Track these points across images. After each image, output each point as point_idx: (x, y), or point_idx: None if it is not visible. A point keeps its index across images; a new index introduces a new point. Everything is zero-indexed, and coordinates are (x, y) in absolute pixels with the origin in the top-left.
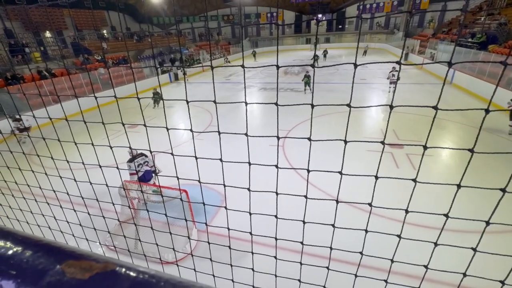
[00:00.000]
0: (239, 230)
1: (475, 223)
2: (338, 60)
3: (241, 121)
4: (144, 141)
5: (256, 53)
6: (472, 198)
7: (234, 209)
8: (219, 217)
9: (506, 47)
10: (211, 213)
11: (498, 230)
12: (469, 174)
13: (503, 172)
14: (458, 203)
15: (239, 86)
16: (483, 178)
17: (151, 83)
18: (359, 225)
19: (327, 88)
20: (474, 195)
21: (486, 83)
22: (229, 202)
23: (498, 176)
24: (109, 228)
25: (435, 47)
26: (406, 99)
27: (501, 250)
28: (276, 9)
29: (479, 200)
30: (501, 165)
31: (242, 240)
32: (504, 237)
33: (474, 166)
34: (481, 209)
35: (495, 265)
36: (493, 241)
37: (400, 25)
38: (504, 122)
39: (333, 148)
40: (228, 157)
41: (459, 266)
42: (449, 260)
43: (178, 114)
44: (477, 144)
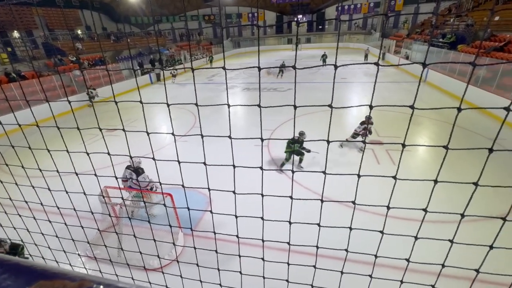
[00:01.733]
0: (225, 234)
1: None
2: (318, 60)
3: (225, 122)
4: (124, 145)
5: (213, 58)
6: (448, 190)
7: (219, 213)
8: (206, 219)
9: (473, 47)
10: (197, 215)
11: (473, 219)
12: (445, 168)
13: (474, 164)
14: (436, 195)
15: (222, 87)
16: (457, 171)
17: (131, 85)
18: (344, 221)
19: (310, 87)
20: (450, 186)
21: (456, 80)
22: (216, 204)
23: (471, 168)
24: (89, 237)
25: (409, 47)
26: (384, 97)
27: (476, 236)
28: (257, 10)
29: (454, 191)
30: (474, 159)
31: (230, 242)
32: (478, 225)
33: (449, 160)
34: (456, 199)
35: (471, 253)
36: (468, 230)
37: (377, 26)
38: (474, 118)
39: (317, 146)
40: (213, 159)
41: (440, 253)
42: (431, 249)
43: (161, 115)
44: (451, 140)
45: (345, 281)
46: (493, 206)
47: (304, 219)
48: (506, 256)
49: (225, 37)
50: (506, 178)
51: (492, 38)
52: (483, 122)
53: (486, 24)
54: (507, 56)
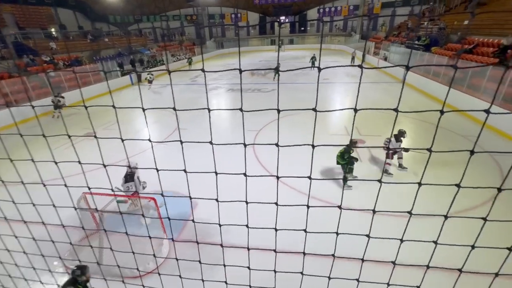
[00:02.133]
0: (208, 243)
1: (437, 209)
2: (302, 61)
3: (212, 124)
4: (106, 149)
5: (192, 61)
6: (431, 188)
7: (202, 222)
8: (197, 213)
9: (446, 49)
10: (184, 217)
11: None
12: (428, 168)
13: (453, 164)
14: (420, 194)
15: (207, 87)
16: (438, 168)
17: (111, 86)
18: (331, 223)
19: (293, 88)
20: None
21: (431, 81)
22: (201, 207)
23: (449, 166)
24: (66, 249)
25: (387, 48)
26: (366, 97)
27: (460, 232)
28: (236, 10)
29: (437, 190)
30: (454, 159)
31: (216, 245)
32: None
33: (430, 161)
34: (439, 196)
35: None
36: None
37: (356, 28)
38: (451, 117)
39: (305, 147)
40: (199, 161)
41: (425, 249)
42: (416, 246)
43: (142, 118)
44: (438, 142)
45: (333, 283)
46: (468, 201)
47: (290, 222)
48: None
49: (208, 38)
50: (478, 177)
51: (462, 41)
52: (459, 121)
53: (465, 28)
54: (475, 58)
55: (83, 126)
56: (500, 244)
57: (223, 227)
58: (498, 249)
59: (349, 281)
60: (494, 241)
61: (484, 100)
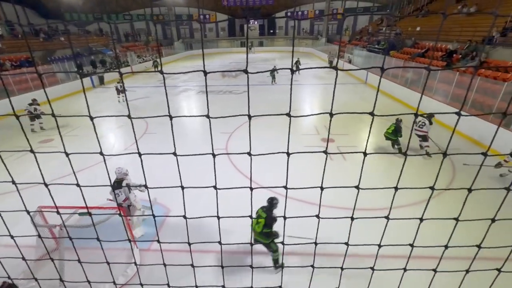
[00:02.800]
0: (177, 265)
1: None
2: (271, 63)
3: (181, 127)
4: (59, 159)
5: (158, 63)
6: (407, 190)
7: (168, 242)
8: (166, 227)
9: (402, 53)
10: (158, 222)
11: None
12: (395, 167)
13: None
14: (391, 194)
15: (175, 90)
16: (407, 168)
17: (68, 89)
18: (311, 223)
19: (265, 89)
20: (406, 182)
21: (390, 82)
22: (174, 213)
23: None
24: (20, 268)
25: (351, 52)
26: (335, 98)
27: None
28: (199, 11)
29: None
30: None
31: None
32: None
33: (394, 159)
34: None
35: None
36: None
37: (322, 32)
38: (411, 118)
39: (276, 146)
40: (168, 167)
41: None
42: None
43: (107, 123)
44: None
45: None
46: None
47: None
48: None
49: (176, 39)
50: (434, 173)
51: (416, 46)
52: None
53: (418, 33)
54: (427, 61)
55: (41, 133)
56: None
57: (197, 239)
58: (468, 247)
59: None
60: (469, 240)
61: (436, 99)
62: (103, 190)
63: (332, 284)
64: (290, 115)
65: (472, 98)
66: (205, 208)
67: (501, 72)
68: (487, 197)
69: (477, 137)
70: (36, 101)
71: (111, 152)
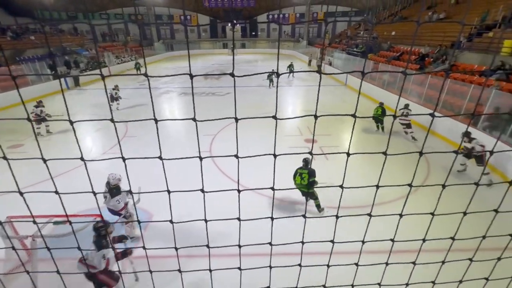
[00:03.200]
0: (164, 271)
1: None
2: (254, 65)
3: (164, 129)
4: (30, 165)
5: (140, 65)
6: (386, 186)
7: (155, 248)
8: (149, 231)
9: (379, 56)
10: (141, 227)
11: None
12: (375, 165)
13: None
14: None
15: (157, 92)
16: (380, 163)
17: (39, 91)
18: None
19: (248, 91)
20: (387, 181)
21: (368, 84)
22: (158, 216)
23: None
24: None
25: (332, 54)
26: (315, 98)
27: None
28: (184, 12)
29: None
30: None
31: (173, 257)
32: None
33: (378, 162)
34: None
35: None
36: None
37: (303, 34)
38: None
39: (260, 148)
40: (151, 171)
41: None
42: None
43: (83, 127)
44: (379, 141)
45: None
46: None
47: (253, 230)
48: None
49: (156, 39)
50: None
51: (391, 49)
52: (390, 118)
53: (393, 38)
54: (402, 64)
55: (6, 137)
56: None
57: (183, 243)
58: (444, 239)
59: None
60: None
61: (411, 100)
62: (80, 198)
63: (319, 282)
64: (276, 118)
65: (443, 99)
66: (188, 213)
67: (468, 75)
68: (461, 193)
69: (447, 135)
70: (41, 103)
71: (88, 157)
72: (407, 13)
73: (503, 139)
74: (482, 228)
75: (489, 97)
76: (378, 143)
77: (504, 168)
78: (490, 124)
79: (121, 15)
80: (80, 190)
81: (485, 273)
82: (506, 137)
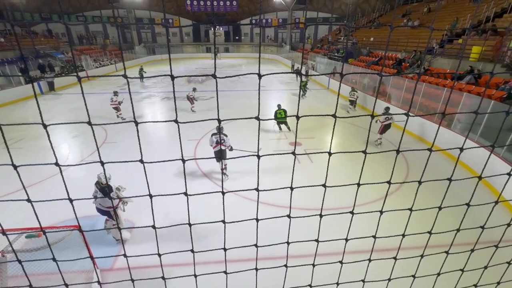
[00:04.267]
0: (146, 279)
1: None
2: (238, 69)
3: (145, 134)
4: (8, 170)
5: (144, 72)
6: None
7: (136, 255)
8: (131, 243)
9: (359, 61)
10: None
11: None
12: (356, 167)
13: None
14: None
15: (138, 96)
16: (362, 164)
17: (10, 96)
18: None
19: (232, 95)
20: (367, 178)
21: (348, 87)
22: (136, 232)
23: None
24: None
25: (314, 59)
26: (300, 102)
27: None
28: (164, 15)
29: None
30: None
31: (158, 267)
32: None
33: (360, 164)
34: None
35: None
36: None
37: (286, 39)
38: (367, 119)
39: (245, 150)
40: (132, 177)
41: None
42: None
43: (59, 133)
44: (360, 140)
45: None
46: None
47: (243, 231)
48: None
49: (137, 43)
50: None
51: (371, 54)
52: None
53: (371, 43)
54: (380, 68)
55: None
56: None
57: (171, 247)
58: (422, 234)
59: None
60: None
61: (390, 104)
62: (55, 209)
63: (304, 282)
64: (259, 119)
65: (419, 102)
66: (172, 218)
67: (441, 79)
68: (438, 189)
69: (423, 135)
70: (117, 93)
71: (66, 161)
72: (384, 19)
73: (473, 138)
74: (456, 223)
75: (460, 100)
76: (362, 146)
77: (475, 165)
78: (462, 125)
79: (99, 17)
80: (55, 199)
81: (460, 265)
82: (476, 137)
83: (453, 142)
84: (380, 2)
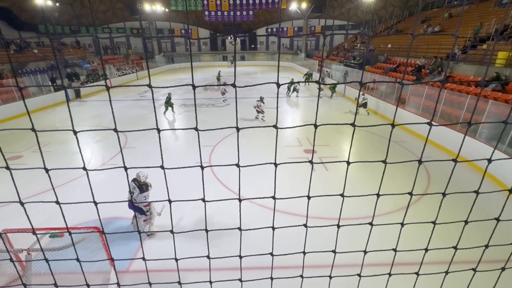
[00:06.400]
0: (163, 283)
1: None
2: (254, 77)
3: (162, 141)
4: (25, 178)
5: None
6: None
7: (154, 259)
8: (146, 246)
9: (376, 67)
10: (135, 244)
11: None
12: (374, 176)
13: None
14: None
15: (157, 103)
16: (381, 174)
17: (41, 103)
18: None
19: (247, 102)
20: (385, 189)
21: (366, 95)
22: (152, 239)
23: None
24: None
25: (330, 66)
26: (313, 110)
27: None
28: (188, 26)
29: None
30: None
31: (172, 271)
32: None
33: (378, 172)
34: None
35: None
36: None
37: (302, 47)
38: (387, 128)
39: (260, 158)
40: (153, 181)
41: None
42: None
43: (83, 138)
44: (376, 148)
45: None
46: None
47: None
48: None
49: (157, 52)
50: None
51: (388, 61)
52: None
53: (389, 50)
54: (399, 75)
55: (4, 149)
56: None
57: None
58: (446, 249)
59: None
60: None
61: (409, 111)
62: (76, 211)
63: None
64: (277, 127)
65: (440, 109)
66: (187, 220)
67: (464, 86)
68: (460, 201)
69: (443, 143)
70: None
71: (88, 165)
72: (402, 26)
73: (501, 148)
74: (482, 238)
75: (486, 108)
76: (378, 154)
77: (504, 178)
78: (488, 134)
79: (123, 29)
80: (79, 201)
81: (489, 284)
82: (504, 147)
83: (477, 152)
84: (398, 8)
